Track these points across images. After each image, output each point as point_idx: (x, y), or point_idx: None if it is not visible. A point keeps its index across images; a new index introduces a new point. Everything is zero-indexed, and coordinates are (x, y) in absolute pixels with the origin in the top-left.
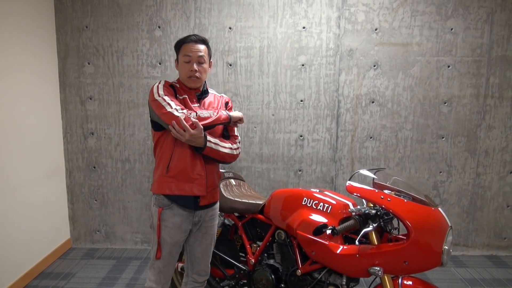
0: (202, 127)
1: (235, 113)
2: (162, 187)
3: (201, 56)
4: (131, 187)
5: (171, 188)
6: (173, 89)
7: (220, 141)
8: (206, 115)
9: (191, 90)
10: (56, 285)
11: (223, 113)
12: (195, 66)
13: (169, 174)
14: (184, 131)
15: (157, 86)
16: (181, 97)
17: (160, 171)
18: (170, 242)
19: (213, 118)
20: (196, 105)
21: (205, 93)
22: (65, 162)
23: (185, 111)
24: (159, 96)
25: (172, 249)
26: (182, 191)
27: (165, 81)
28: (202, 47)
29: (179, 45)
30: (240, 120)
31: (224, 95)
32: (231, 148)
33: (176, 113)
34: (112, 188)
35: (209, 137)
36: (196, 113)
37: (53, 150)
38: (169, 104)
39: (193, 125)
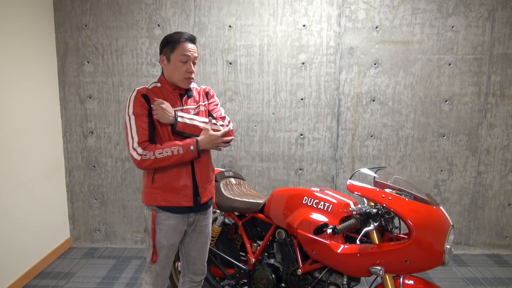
0: (167, 104)
1: (206, 140)
2: (149, 198)
3: (196, 57)
4: (131, 186)
5: (157, 199)
6: (146, 100)
7: (198, 116)
8: (166, 154)
9: (175, 91)
10: (56, 285)
11: (191, 149)
12: (192, 68)
13: (154, 185)
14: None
15: (129, 100)
16: (154, 106)
17: (146, 182)
18: (167, 244)
19: (174, 158)
20: (179, 108)
21: (188, 90)
22: (64, 161)
23: (141, 150)
24: (127, 114)
25: (169, 251)
26: (168, 202)
27: (138, 91)
28: (195, 47)
29: (173, 43)
30: (214, 146)
31: (202, 86)
32: (215, 124)
33: (132, 153)
34: (112, 187)
35: (180, 113)
36: (154, 153)
37: (53, 149)
38: (132, 135)
39: (162, 107)
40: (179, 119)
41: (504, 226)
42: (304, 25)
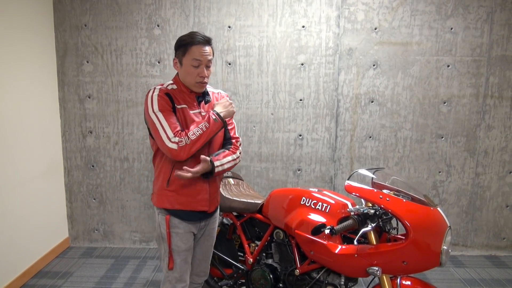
0: (209, 159)
1: (221, 108)
2: (162, 200)
3: (210, 60)
4: (129, 186)
5: (171, 202)
6: (170, 98)
7: (223, 157)
8: (198, 133)
9: (191, 93)
10: (54, 284)
11: (213, 119)
12: (205, 72)
13: (169, 188)
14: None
15: (151, 97)
16: (179, 107)
17: (160, 184)
18: (185, 248)
19: (206, 133)
20: (197, 111)
21: (206, 95)
22: (63, 160)
23: (177, 139)
24: (153, 111)
25: (187, 254)
26: (184, 206)
27: (160, 89)
28: (209, 49)
29: (185, 46)
30: (231, 113)
31: (221, 92)
32: (234, 160)
33: (170, 145)
34: (111, 187)
35: (215, 162)
36: (188, 137)
37: (52, 149)
38: (164, 129)
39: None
40: (217, 169)
41: (501, 227)
42: (303, 26)
